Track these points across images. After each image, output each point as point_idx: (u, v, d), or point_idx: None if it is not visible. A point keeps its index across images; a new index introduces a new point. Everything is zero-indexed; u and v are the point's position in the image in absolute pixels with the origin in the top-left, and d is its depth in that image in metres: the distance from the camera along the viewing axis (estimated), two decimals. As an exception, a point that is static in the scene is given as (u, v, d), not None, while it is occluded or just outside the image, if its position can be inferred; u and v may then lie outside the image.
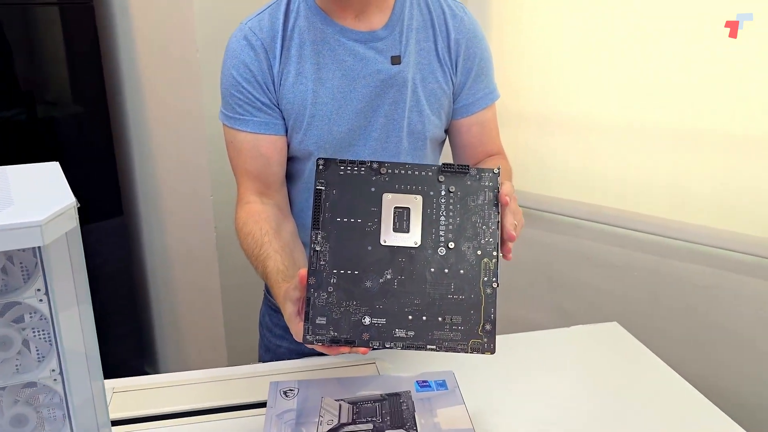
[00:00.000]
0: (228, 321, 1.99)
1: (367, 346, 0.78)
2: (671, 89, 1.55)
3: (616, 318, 1.23)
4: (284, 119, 1.05)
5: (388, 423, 0.86)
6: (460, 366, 1.03)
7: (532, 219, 1.85)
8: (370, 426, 0.85)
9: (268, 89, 1.03)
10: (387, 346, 0.78)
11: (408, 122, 1.07)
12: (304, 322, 0.79)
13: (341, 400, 0.91)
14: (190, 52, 1.72)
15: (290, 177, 1.13)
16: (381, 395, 0.92)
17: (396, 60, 1.04)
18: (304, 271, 0.80)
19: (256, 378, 1.05)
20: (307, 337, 0.78)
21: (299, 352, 1.18)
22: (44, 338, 0.68)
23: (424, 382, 0.95)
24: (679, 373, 1.07)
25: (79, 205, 0.66)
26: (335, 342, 0.78)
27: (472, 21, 1.11)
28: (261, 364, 1.10)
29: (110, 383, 1.04)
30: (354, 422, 0.86)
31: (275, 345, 1.22)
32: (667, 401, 1.00)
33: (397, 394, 0.92)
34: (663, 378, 1.07)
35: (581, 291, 1.81)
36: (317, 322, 0.79)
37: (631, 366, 1.10)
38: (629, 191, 1.68)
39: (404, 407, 0.89)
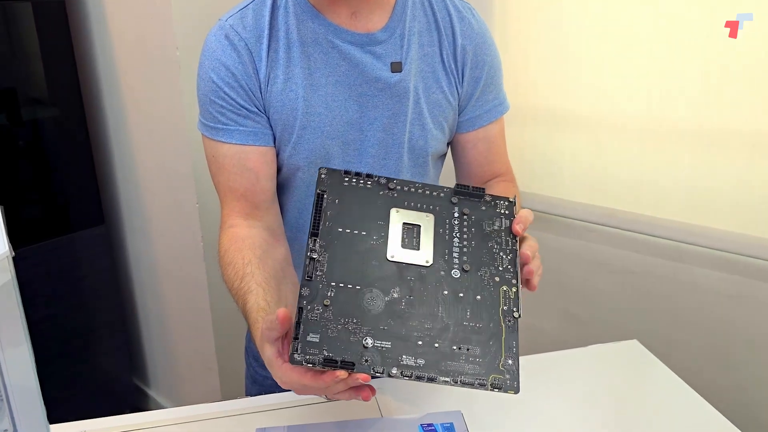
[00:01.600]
0: (218, 333, 1.91)
1: (368, 373, 0.65)
2: (691, 85, 1.44)
3: (631, 326, 1.14)
4: (272, 128, 0.93)
5: (390, 479, 0.76)
6: (468, 399, 0.93)
7: (542, 223, 1.75)
8: (368, 483, 0.75)
9: (254, 95, 0.90)
10: (392, 373, 0.66)
11: (409, 137, 0.96)
12: (293, 339, 0.66)
13: (336, 450, 0.80)
14: (170, 50, 1.62)
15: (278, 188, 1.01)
16: (381, 443, 0.81)
17: (396, 67, 0.92)
18: (283, 311, 0.68)
19: (242, 416, 0.94)
20: (295, 356, 0.65)
21: (289, 384, 1.08)
22: (-8, 397, 0.61)
23: (429, 425, 0.84)
24: (702, 390, 0.99)
25: (13, 254, 0.57)
26: (329, 363, 0.65)
27: (481, 25, 0.99)
28: (247, 399, 1.00)
29: (81, 425, 0.93)
30: (350, 479, 0.76)
31: (262, 376, 1.11)
32: (692, 429, 0.91)
33: (398, 442, 0.81)
34: (687, 404, 0.97)
35: (594, 298, 1.71)
36: (308, 339, 0.66)
37: (654, 391, 1.01)
38: (646, 193, 1.57)
39: (407, 458, 0.79)
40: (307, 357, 0.65)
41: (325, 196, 0.74)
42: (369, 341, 0.67)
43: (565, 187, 1.71)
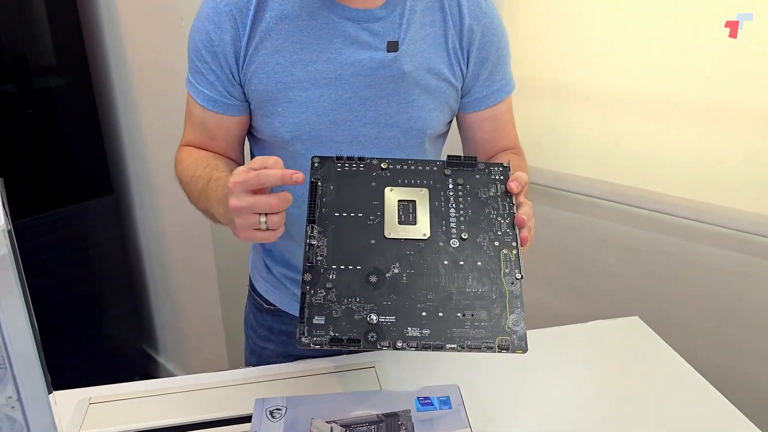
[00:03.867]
0: (224, 300, 1.93)
1: (375, 348, 0.68)
2: (700, 61, 1.42)
3: (635, 303, 1.13)
4: (246, 99, 0.93)
5: (385, 450, 0.77)
6: (465, 371, 0.94)
7: (547, 197, 1.74)
8: (364, 454, 0.77)
9: (226, 62, 0.90)
10: (398, 346, 0.68)
11: (406, 118, 0.93)
12: (299, 323, 0.68)
13: (333, 422, 0.81)
14: (175, 20, 1.60)
15: None
16: (377, 416, 0.82)
17: (393, 47, 0.90)
18: (286, 195, 0.71)
19: (242, 387, 0.96)
20: (303, 339, 0.68)
21: (286, 354, 1.09)
22: (-4, 364, 0.63)
23: (425, 399, 0.85)
24: (702, 368, 1.00)
25: (10, 227, 0.57)
26: (336, 343, 0.68)
27: (489, 3, 0.96)
28: (248, 369, 1.01)
29: (87, 392, 0.95)
30: (346, 449, 0.77)
31: (260, 347, 1.13)
32: (690, 407, 0.92)
33: (395, 415, 0.82)
34: (686, 382, 0.98)
35: (599, 274, 1.70)
36: (315, 321, 0.69)
37: (654, 369, 1.01)
38: (652, 169, 1.56)
39: (403, 430, 0.79)
40: (315, 339, 0.68)
41: (319, 183, 0.76)
42: (374, 317, 0.69)
43: (571, 162, 1.69)
